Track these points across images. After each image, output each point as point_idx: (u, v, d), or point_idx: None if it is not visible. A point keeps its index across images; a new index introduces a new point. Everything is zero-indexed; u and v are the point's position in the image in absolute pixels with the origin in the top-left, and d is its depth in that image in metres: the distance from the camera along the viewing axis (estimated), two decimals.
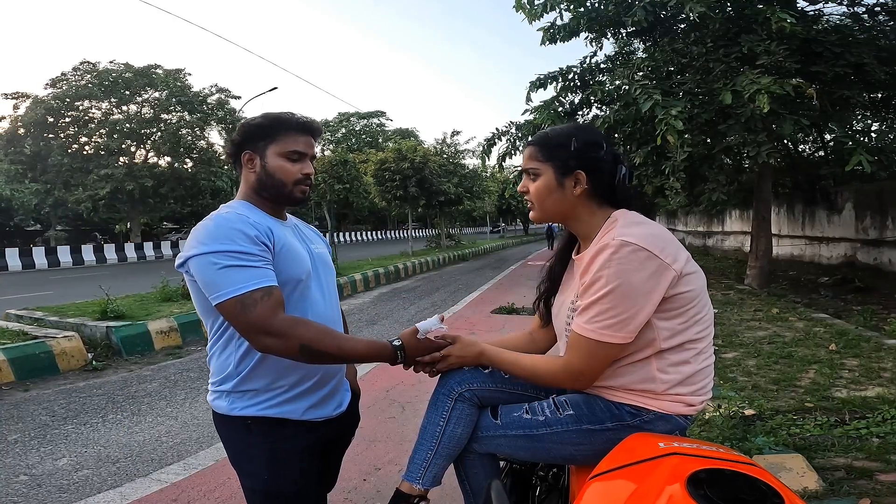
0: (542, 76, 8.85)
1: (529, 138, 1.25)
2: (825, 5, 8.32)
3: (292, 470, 1.39)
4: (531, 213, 1.40)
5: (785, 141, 9.83)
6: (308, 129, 1.42)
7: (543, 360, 1.33)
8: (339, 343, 1.28)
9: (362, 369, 4.94)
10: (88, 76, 27.29)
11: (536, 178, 1.34)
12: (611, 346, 1.20)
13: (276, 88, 29.22)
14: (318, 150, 1.52)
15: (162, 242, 28.38)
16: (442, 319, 1.45)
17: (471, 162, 24.67)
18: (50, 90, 27.20)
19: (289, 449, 1.37)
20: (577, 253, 1.38)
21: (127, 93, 28.06)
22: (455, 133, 31.09)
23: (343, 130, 50.54)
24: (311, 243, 1.52)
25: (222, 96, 31.15)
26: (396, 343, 1.37)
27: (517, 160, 11.41)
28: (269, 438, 1.35)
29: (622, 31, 9.13)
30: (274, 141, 1.38)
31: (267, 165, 1.38)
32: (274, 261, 1.30)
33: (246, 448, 1.37)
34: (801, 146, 11.65)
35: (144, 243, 27.18)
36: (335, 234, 23.67)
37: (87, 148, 28.28)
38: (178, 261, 1.29)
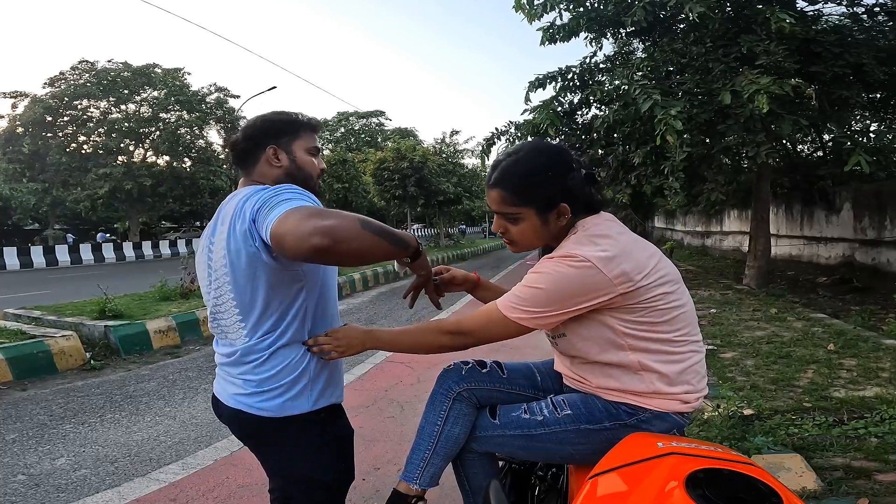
0: (541, 76, 8.85)
1: (528, 138, 1.21)
2: (824, 5, 8.30)
3: (351, 454, 1.44)
4: (511, 248, 1.40)
5: (784, 141, 9.84)
6: (316, 127, 1.49)
7: (433, 321, 1.36)
8: (384, 225, 1.22)
9: (361, 369, 4.94)
10: (87, 75, 27.25)
11: (517, 221, 1.31)
12: (511, 325, 1.24)
13: (274, 87, 29.28)
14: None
15: (160, 242, 28.34)
16: None
17: (470, 161, 24.73)
18: (48, 89, 27.16)
19: (349, 433, 1.43)
20: None
21: (125, 92, 28.03)
22: (454, 133, 31.05)
23: (342, 130, 50.45)
24: None
25: (221, 95, 31.12)
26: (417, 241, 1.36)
27: None
28: (336, 426, 1.40)
29: (622, 31, 9.13)
30: (298, 137, 1.42)
31: (296, 159, 1.42)
32: None
33: (320, 441, 1.35)
34: (800, 146, 11.67)
35: (143, 242, 27.14)
36: None
37: (85, 147, 28.23)
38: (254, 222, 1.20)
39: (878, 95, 8.60)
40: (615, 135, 8.44)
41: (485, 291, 1.70)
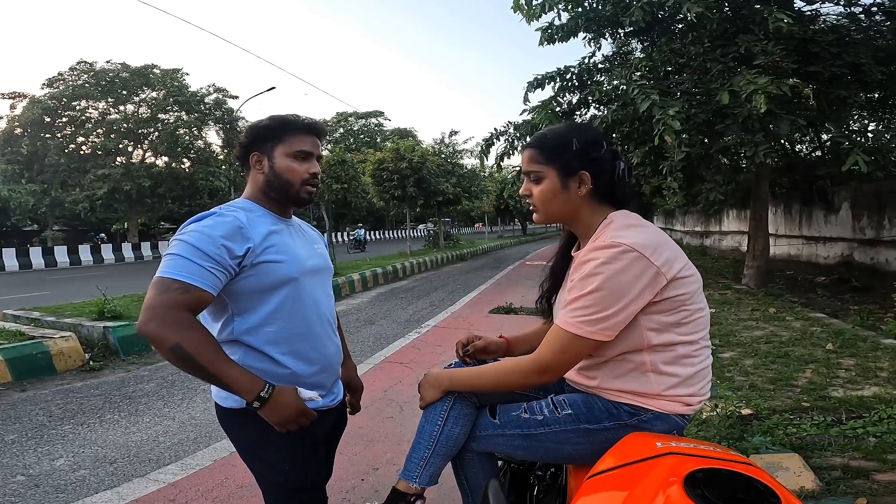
0: (539, 76, 8.85)
1: (527, 139, 1.24)
2: (822, 5, 8.30)
3: (308, 460, 1.43)
4: (535, 216, 1.39)
5: (782, 141, 9.84)
6: (313, 129, 1.45)
7: (510, 362, 1.34)
8: (215, 360, 1.22)
9: (360, 370, 4.94)
10: (85, 76, 27.27)
11: (539, 181, 1.33)
12: (585, 342, 1.21)
13: (273, 88, 29.25)
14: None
15: (159, 242, 28.31)
16: (320, 396, 1.42)
17: (469, 162, 24.70)
18: (47, 90, 27.19)
19: (302, 438, 1.40)
20: (577, 250, 1.39)
21: (124, 93, 28.04)
22: (453, 133, 31.18)
23: (341, 130, 50.48)
24: (314, 243, 1.56)
25: (220, 96, 31.14)
26: (267, 389, 1.26)
27: (515, 160, 11.37)
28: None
29: (620, 31, 9.13)
30: (281, 142, 1.41)
31: (275, 166, 1.41)
32: (253, 265, 1.32)
33: (261, 439, 1.38)
34: (799, 146, 11.67)
35: (142, 243, 27.11)
36: (333, 234, 23.64)
37: (84, 148, 28.25)
38: None
39: (877, 95, 8.61)
40: (614, 135, 8.43)
41: (518, 347, 1.66)
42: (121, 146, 28.31)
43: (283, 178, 1.41)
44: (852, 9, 8.13)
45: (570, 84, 8.89)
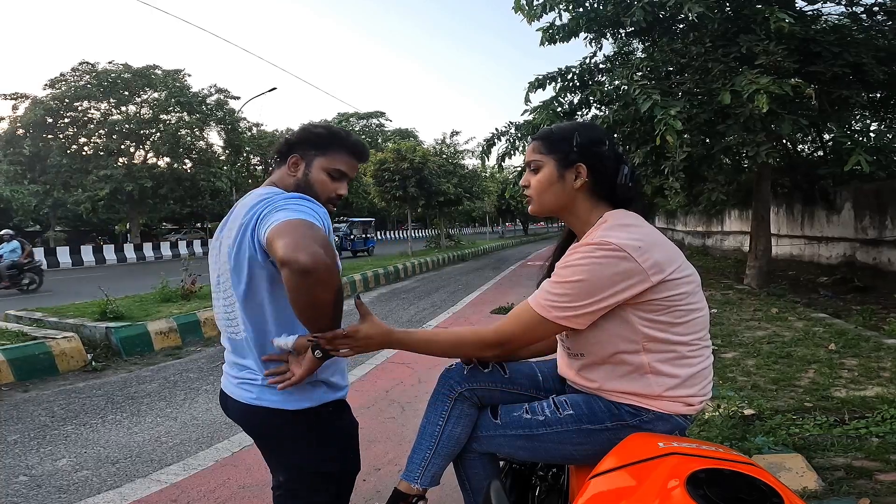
0: (541, 76, 8.84)
1: (530, 137, 1.27)
2: (823, 5, 8.31)
3: (356, 447, 1.50)
4: (530, 207, 1.40)
5: (784, 141, 9.83)
6: (358, 152, 1.47)
7: (467, 329, 1.33)
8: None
9: (361, 370, 4.94)
10: (87, 77, 27.26)
11: (538, 171, 1.35)
12: (551, 325, 1.22)
13: (275, 89, 29.38)
14: None
15: (161, 243, 28.36)
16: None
17: (470, 162, 24.70)
18: (49, 91, 27.17)
19: (354, 426, 1.48)
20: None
21: (126, 93, 28.03)
22: (454, 133, 31.04)
23: None
24: None
25: (221, 97, 31.12)
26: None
27: (517, 160, 11.36)
28: (342, 420, 1.44)
29: (621, 31, 9.13)
30: (324, 154, 1.42)
31: (310, 175, 1.42)
32: None
33: (326, 434, 1.39)
34: (800, 146, 11.66)
35: (144, 244, 27.16)
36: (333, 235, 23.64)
37: (86, 149, 28.25)
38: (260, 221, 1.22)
39: (878, 95, 8.59)
40: (615, 135, 8.42)
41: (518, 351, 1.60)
42: (123, 147, 28.31)
43: (313, 190, 1.41)
44: (854, 8, 8.12)
45: (571, 84, 8.89)
